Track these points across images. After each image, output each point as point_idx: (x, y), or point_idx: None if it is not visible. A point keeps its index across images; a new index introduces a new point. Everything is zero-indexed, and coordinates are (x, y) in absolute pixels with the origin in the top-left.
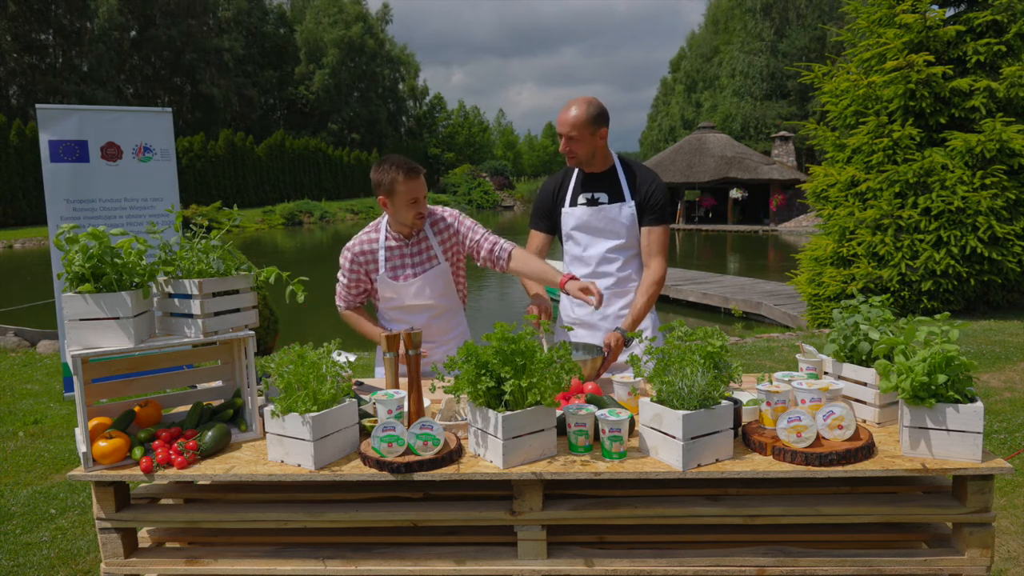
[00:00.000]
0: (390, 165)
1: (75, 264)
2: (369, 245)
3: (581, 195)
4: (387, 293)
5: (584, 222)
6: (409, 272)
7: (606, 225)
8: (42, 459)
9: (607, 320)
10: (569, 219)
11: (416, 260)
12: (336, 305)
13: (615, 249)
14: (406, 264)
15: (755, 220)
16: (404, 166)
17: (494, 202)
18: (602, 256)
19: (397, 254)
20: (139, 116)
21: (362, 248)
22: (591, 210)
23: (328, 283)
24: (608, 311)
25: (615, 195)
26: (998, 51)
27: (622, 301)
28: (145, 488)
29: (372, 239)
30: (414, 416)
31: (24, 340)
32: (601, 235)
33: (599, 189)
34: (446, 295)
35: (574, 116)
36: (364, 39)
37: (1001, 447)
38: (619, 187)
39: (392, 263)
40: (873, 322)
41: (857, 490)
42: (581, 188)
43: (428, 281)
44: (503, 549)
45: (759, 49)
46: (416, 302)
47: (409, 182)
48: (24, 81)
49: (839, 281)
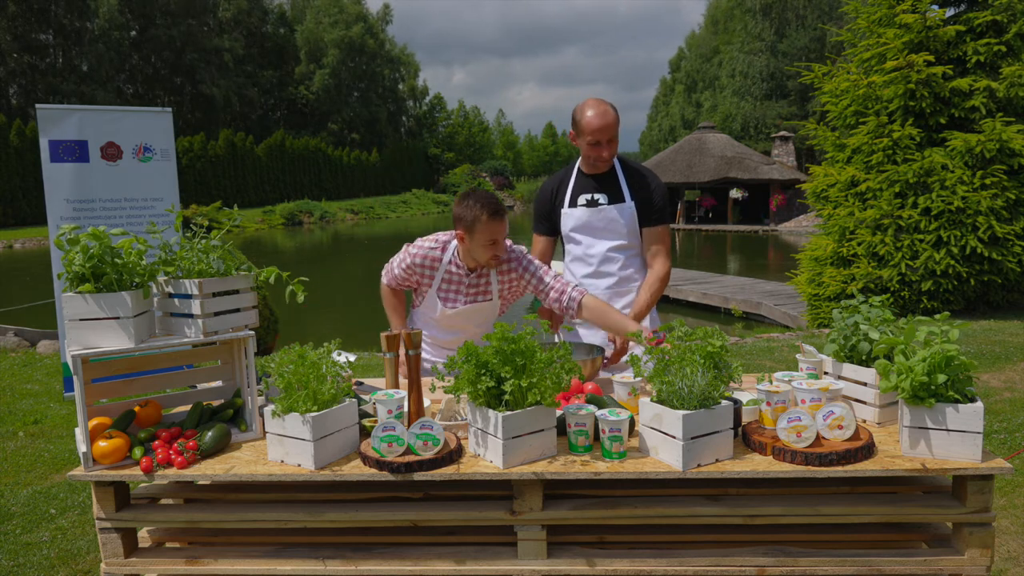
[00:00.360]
0: (475, 202)
1: (75, 264)
2: (432, 261)
3: (581, 196)
4: (431, 306)
5: (584, 223)
6: (461, 300)
7: (606, 225)
8: (42, 459)
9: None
10: (569, 220)
11: (471, 291)
12: (381, 277)
13: (616, 249)
14: (460, 291)
15: (755, 220)
16: (490, 206)
17: None
18: (604, 256)
19: (455, 280)
20: (139, 116)
21: (424, 261)
22: (591, 211)
23: (329, 283)
24: None
25: (615, 196)
26: (998, 51)
27: (623, 300)
28: (145, 488)
29: (436, 257)
30: (414, 416)
31: (24, 340)
32: (602, 235)
33: (599, 190)
34: (484, 326)
35: (612, 118)
36: (364, 39)
37: (1001, 447)
38: (619, 188)
39: (447, 287)
40: (873, 322)
41: (857, 490)
42: (581, 189)
43: (474, 311)
44: (503, 549)
45: (759, 49)
46: (453, 324)
47: (492, 224)
48: (24, 81)
49: (839, 281)
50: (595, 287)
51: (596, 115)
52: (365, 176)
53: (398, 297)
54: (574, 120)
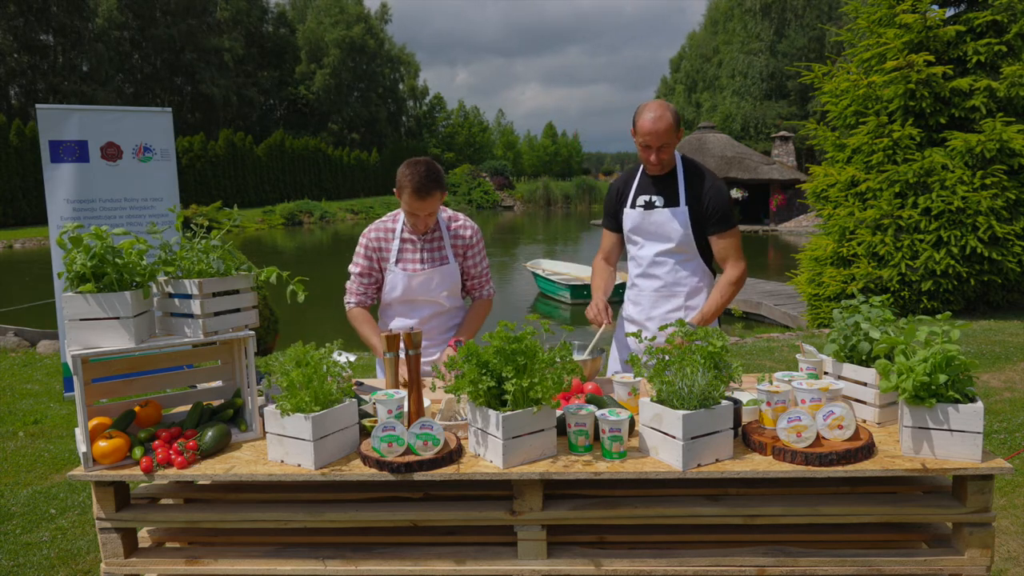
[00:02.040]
0: (408, 171)
1: (76, 263)
2: (384, 232)
3: (640, 196)
4: (393, 283)
5: (637, 225)
6: (419, 266)
7: (656, 229)
8: (42, 459)
9: (653, 321)
10: (627, 221)
11: (426, 256)
12: (345, 302)
13: (664, 253)
14: (417, 259)
15: (755, 220)
16: (415, 182)
17: (494, 202)
18: (651, 259)
19: (410, 247)
20: (139, 116)
21: (377, 235)
22: (644, 213)
23: (328, 282)
24: (654, 312)
25: (671, 199)
26: (998, 51)
27: (670, 304)
28: (145, 488)
29: (389, 228)
30: (414, 416)
31: (24, 340)
32: (652, 238)
33: (657, 192)
34: (451, 296)
35: (666, 125)
36: (365, 39)
37: (1001, 447)
38: (676, 191)
39: (404, 254)
40: (873, 322)
41: (857, 490)
42: (642, 190)
43: (435, 276)
44: (503, 549)
45: (759, 49)
46: (421, 297)
47: (413, 200)
48: (24, 81)
49: (839, 281)
50: (643, 288)
51: (650, 119)
52: (365, 176)
53: (366, 315)
54: (634, 118)
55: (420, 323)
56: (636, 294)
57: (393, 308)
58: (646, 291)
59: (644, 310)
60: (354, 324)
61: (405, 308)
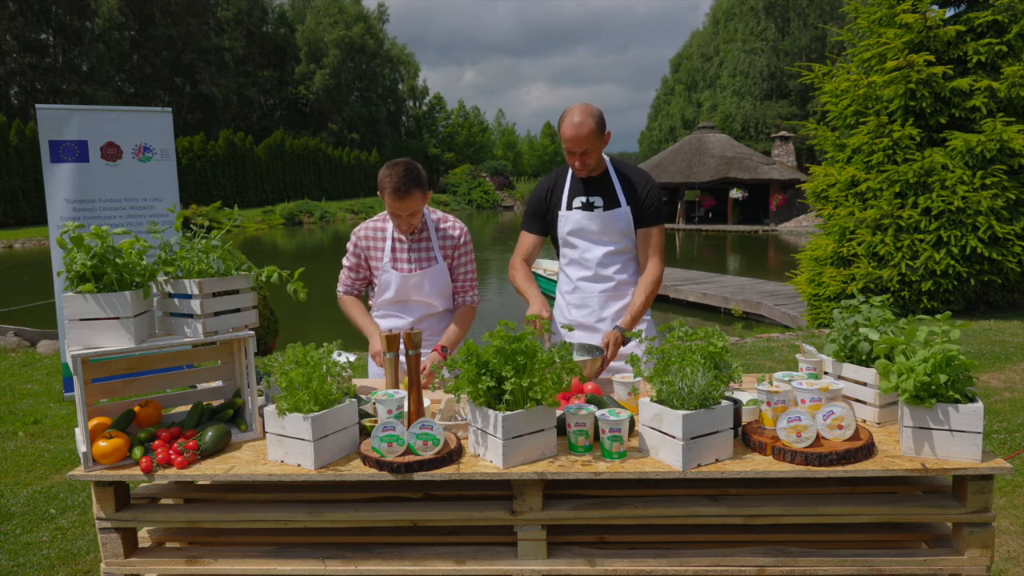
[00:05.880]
0: (388, 172)
1: (77, 263)
2: (374, 232)
3: (576, 199)
4: (387, 284)
5: (581, 227)
6: (413, 267)
7: (603, 230)
8: (42, 459)
9: (604, 323)
10: (566, 223)
11: (414, 256)
12: (336, 290)
13: (613, 253)
14: (410, 259)
15: (755, 220)
16: (393, 183)
17: (494, 202)
18: (600, 260)
19: (400, 247)
20: (139, 116)
21: (367, 233)
22: (588, 215)
23: (329, 282)
24: (605, 313)
25: (610, 200)
26: (999, 51)
27: (619, 304)
28: (145, 488)
29: (379, 228)
30: (414, 416)
31: (24, 340)
32: (598, 239)
33: (594, 193)
34: (443, 297)
35: (587, 131)
36: (364, 39)
37: (1001, 447)
38: (614, 191)
39: (396, 255)
40: (873, 322)
41: (857, 490)
42: (576, 192)
43: (427, 278)
44: (503, 549)
45: (760, 49)
46: (414, 297)
47: (392, 200)
48: (24, 81)
49: (839, 281)
50: (592, 291)
51: (572, 125)
52: (365, 176)
53: (357, 301)
54: (558, 122)
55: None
56: (581, 297)
57: (386, 308)
58: (593, 293)
59: (594, 312)
60: (344, 308)
61: (398, 308)
